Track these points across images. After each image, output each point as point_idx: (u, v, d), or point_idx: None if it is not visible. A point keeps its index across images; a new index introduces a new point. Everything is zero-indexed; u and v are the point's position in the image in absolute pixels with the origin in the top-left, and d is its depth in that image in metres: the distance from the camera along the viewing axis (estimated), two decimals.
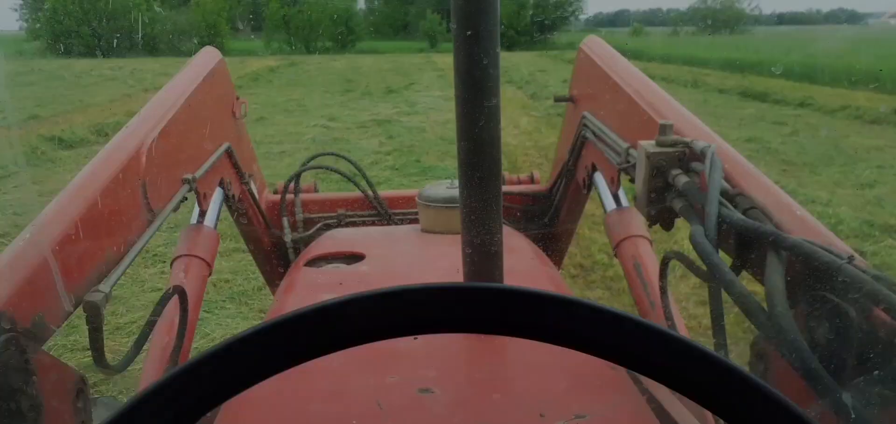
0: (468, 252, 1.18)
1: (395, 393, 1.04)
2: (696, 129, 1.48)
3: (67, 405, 1.05)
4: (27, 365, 0.92)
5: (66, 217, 1.16)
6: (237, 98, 2.28)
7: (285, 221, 2.51)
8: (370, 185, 2.58)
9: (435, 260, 1.75)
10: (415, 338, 0.80)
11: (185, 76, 1.93)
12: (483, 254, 1.17)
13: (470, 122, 1.07)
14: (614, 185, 1.90)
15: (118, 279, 1.23)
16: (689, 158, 1.35)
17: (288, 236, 2.49)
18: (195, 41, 35.78)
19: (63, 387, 1.04)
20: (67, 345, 3.82)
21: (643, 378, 1.15)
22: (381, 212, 2.57)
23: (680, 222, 1.41)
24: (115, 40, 33.44)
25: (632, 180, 1.60)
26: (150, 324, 1.34)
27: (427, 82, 19.11)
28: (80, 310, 1.12)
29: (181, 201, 1.63)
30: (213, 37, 35.50)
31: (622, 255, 1.85)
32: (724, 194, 1.19)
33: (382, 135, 10.62)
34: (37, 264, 1.05)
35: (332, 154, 2.80)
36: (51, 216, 1.16)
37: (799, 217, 1.11)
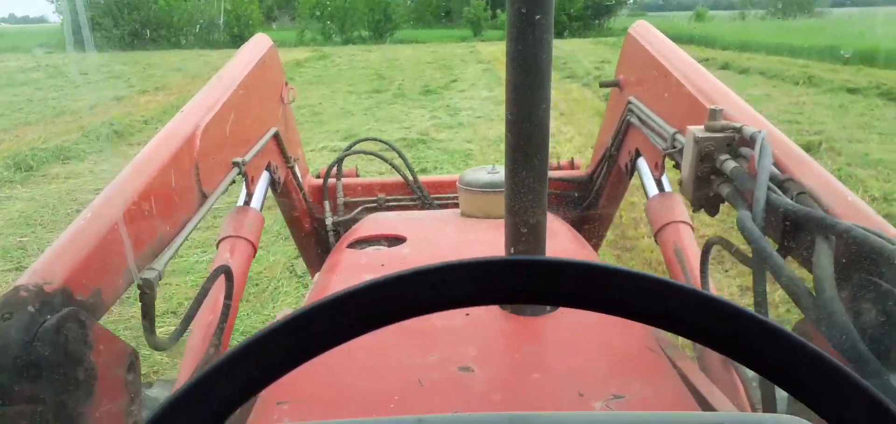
0: (511, 233, 1.21)
1: (435, 371, 1.08)
2: (745, 114, 1.49)
3: (120, 377, 1.07)
4: (86, 337, 0.98)
5: (125, 197, 1.22)
6: (286, 84, 2.35)
7: (327, 204, 2.57)
8: (410, 170, 2.60)
9: (475, 244, 1.76)
10: (455, 317, 1.10)
11: (238, 62, 1.99)
12: (526, 235, 1.20)
13: (520, 105, 1.11)
14: (658, 170, 1.93)
15: (171, 258, 1.28)
16: (738, 143, 1.36)
17: (329, 220, 2.54)
18: (222, 33, 33.19)
19: (116, 360, 1.08)
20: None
21: (680, 361, 1.18)
22: (421, 197, 2.60)
23: (719, 214, 1.46)
24: (137, 33, 31.08)
25: (676, 166, 1.62)
26: (198, 302, 1.37)
27: (472, 78, 16.00)
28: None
29: (230, 184, 1.69)
30: (242, 27, 32.90)
31: (663, 241, 1.85)
32: (773, 179, 1.20)
33: (414, 165, 7.43)
34: (97, 241, 1.10)
35: (374, 139, 2.86)
36: (112, 195, 1.22)
37: (850, 203, 1.11)
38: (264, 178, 2.05)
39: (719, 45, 22.43)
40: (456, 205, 2.08)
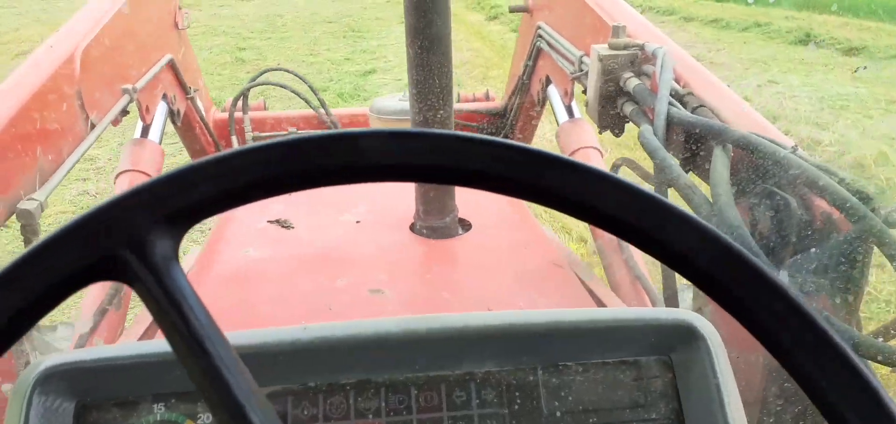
0: None
1: (345, 295, 1.06)
2: (648, 31, 1.50)
3: None
4: None
5: None
6: (179, 8, 2.22)
7: (234, 139, 2.46)
8: (321, 102, 2.51)
9: None
10: (366, 244, 1.16)
11: None
12: None
13: (420, 5, 1.04)
14: (567, 97, 1.93)
15: (54, 188, 1.24)
16: (641, 61, 1.37)
17: None
18: None
19: None
20: None
21: (587, 279, 1.21)
22: (334, 129, 2.54)
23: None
24: None
25: (585, 91, 1.59)
26: None
27: (401, 63, 9.20)
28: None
29: (123, 114, 1.63)
30: None
31: None
32: (674, 94, 1.22)
33: None
34: None
35: (281, 69, 2.75)
36: None
37: (746, 113, 1.15)
38: (162, 108, 1.95)
39: None
40: None
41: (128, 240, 0.32)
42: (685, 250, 0.34)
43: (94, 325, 1.31)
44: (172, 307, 0.32)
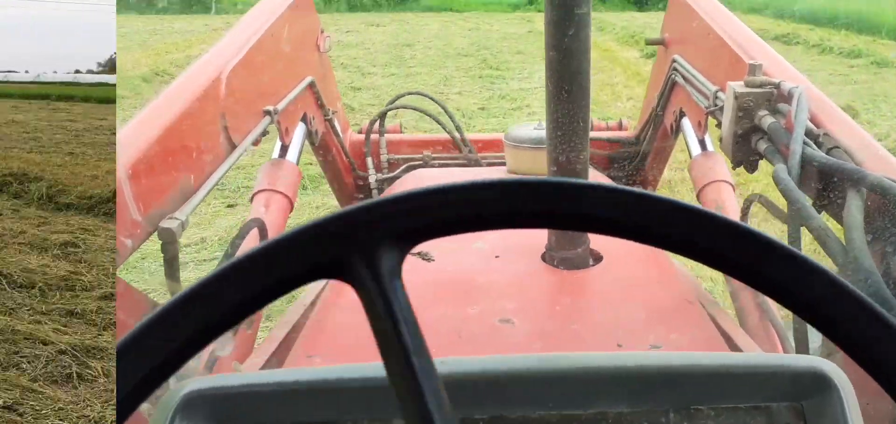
0: (553, 170, 1.18)
1: (474, 324, 1.07)
2: (784, 71, 1.47)
3: None
4: None
5: (141, 142, 1.15)
6: (321, 31, 2.23)
7: (369, 161, 2.44)
8: (457, 126, 2.45)
9: None
10: (496, 272, 1.16)
11: (267, 5, 1.88)
12: (567, 171, 1.15)
13: (559, 30, 1.05)
14: (701, 130, 1.91)
15: (195, 207, 1.23)
16: (777, 99, 1.35)
17: (372, 177, 2.42)
18: None
19: (135, 314, 1.06)
20: None
21: (717, 315, 1.19)
22: (468, 154, 2.45)
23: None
24: None
25: (719, 125, 1.58)
26: (228, 256, 1.34)
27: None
28: None
29: (262, 134, 1.62)
30: None
31: (705, 200, 1.86)
32: (809, 134, 1.19)
33: None
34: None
35: (419, 94, 2.74)
36: (125, 140, 1.15)
37: (882, 157, 1.11)
38: (300, 129, 1.95)
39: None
40: (504, 164, 1.99)
41: (360, 248, 0.35)
42: (817, 303, 0.34)
43: (230, 345, 1.26)
44: (389, 319, 0.35)
